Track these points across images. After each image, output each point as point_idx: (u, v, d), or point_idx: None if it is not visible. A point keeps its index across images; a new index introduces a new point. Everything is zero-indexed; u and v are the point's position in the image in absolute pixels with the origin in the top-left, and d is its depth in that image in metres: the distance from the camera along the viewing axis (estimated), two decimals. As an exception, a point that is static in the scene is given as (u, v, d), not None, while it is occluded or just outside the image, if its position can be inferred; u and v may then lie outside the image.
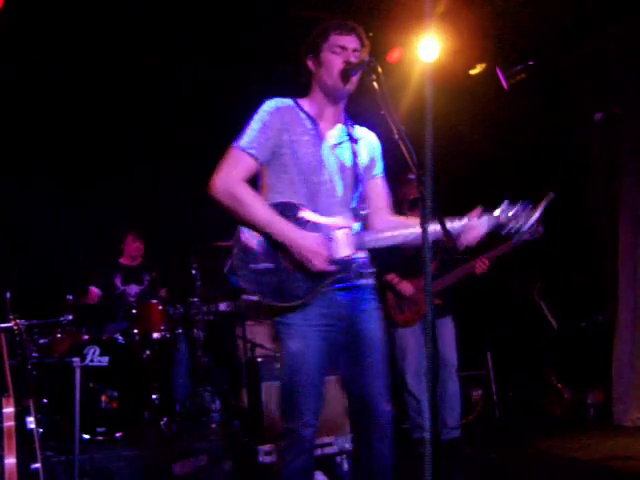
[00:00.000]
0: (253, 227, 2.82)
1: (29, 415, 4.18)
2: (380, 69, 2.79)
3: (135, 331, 5.93)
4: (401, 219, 3.12)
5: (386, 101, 2.78)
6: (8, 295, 5.10)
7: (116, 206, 7.12)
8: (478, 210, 2.91)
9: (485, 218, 2.91)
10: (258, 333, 6.34)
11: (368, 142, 3.11)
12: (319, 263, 2.78)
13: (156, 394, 5.80)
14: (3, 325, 4.47)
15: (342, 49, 2.95)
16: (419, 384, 5.30)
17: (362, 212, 2.96)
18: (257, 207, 2.82)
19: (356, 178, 2.97)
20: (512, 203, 2.93)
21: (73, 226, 7.05)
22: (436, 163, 2.45)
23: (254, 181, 2.97)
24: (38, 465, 3.99)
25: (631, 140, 5.86)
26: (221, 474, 5.00)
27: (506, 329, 6.99)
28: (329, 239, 2.85)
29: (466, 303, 5.91)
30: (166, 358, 6.15)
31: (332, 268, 2.81)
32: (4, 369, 4.07)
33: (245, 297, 2.85)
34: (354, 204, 2.96)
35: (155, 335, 5.96)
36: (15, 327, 4.55)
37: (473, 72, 6.28)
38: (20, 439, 3.85)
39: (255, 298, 2.80)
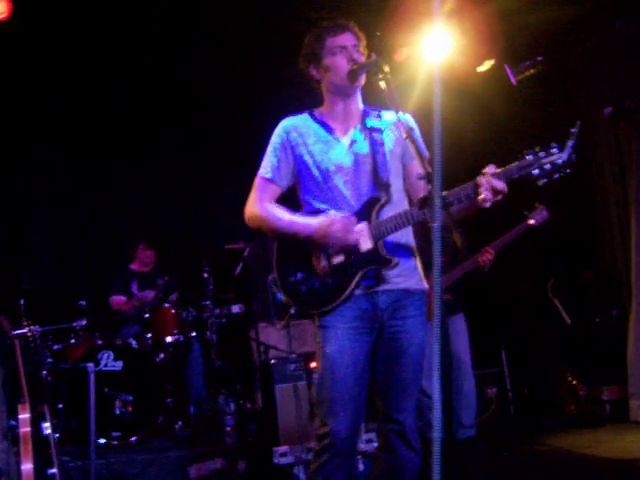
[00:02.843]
0: (282, 236, 2.95)
1: (45, 421, 4.20)
2: (387, 68, 2.79)
3: (148, 335, 5.96)
4: None
5: (394, 99, 2.78)
6: (22, 302, 5.15)
7: (128, 210, 7.14)
8: (490, 166, 2.70)
9: (506, 168, 2.68)
10: (271, 335, 6.36)
11: (398, 128, 3.00)
12: (345, 238, 2.80)
13: (170, 398, 5.81)
14: (17, 332, 4.50)
15: (342, 48, 2.95)
16: (432, 383, 5.27)
17: (387, 199, 2.90)
18: (277, 216, 2.96)
19: (378, 167, 2.93)
20: (536, 148, 2.68)
21: (85, 231, 7.07)
22: (443, 161, 2.46)
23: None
24: (55, 470, 4.02)
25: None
26: (236, 476, 5.01)
27: (520, 326, 6.96)
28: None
29: (479, 300, 5.88)
30: (180, 362, 6.16)
31: (356, 237, 2.81)
32: (19, 376, 4.09)
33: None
34: (378, 193, 2.91)
35: (168, 339, 5.98)
36: (29, 333, 4.59)
37: (481, 69, 6.23)
38: (36, 445, 3.87)
39: (295, 309, 2.89)
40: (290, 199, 3.13)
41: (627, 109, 3.62)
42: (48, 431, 4.12)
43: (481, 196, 2.66)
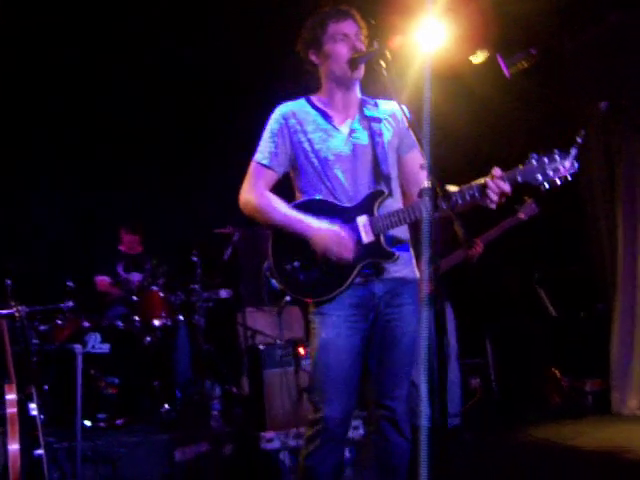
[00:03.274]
0: (278, 230, 2.92)
1: (31, 402, 4.19)
2: (389, 56, 2.79)
3: (136, 318, 5.91)
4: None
5: (395, 89, 2.78)
6: (9, 282, 5.10)
7: (115, 192, 7.09)
8: (496, 169, 2.73)
9: (511, 171, 2.72)
10: (258, 320, 6.37)
11: (395, 117, 3.04)
12: (339, 252, 2.79)
13: (157, 381, 5.80)
14: (4, 312, 4.47)
15: (344, 36, 2.94)
16: (418, 372, 5.31)
17: (388, 192, 2.90)
18: (274, 211, 2.92)
19: (378, 159, 2.93)
20: (540, 154, 2.73)
21: (73, 212, 7.03)
22: (436, 152, 2.49)
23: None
24: (41, 451, 4.01)
25: (632, 128, 5.85)
26: (222, 460, 5.02)
27: (505, 317, 7.01)
28: (352, 227, 2.86)
29: (465, 292, 5.91)
30: (167, 345, 6.15)
31: (350, 256, 2.80)
32: (6, 356, 4.08)
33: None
34: (379, 185, 2.92)
35: (156, 322, 5.93)
36: (17, 314, 4.55)
37: (475, 60, 6.23)
38: (23, 426, 3.86)
39: (291, 296, 2.89)
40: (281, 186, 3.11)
41: (621, 106, 3.64)
42: (35, 412, 4.11)
43: (487, 198, 2.70)
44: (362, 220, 2.85)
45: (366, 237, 2.84)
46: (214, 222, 6.42)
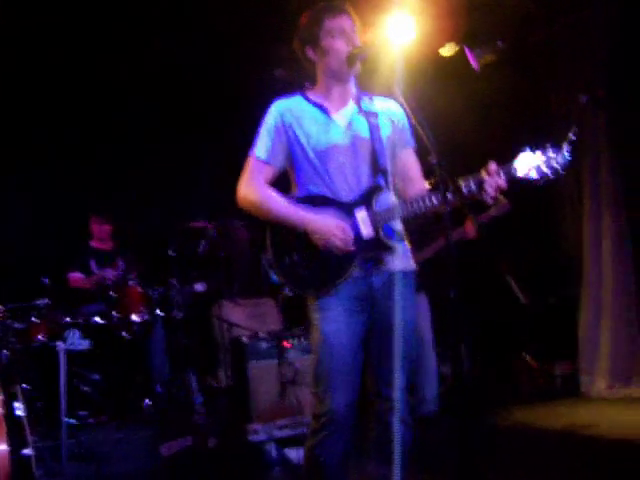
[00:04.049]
0: (278, 224, 2.93)
1: (16, 401, 4.15)
2: (389, 51, 2.84)
3: (114, 313, 5.88)
4: (425, 189, 3.07)
5: (393, 84, 2.82)
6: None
7: (90, 187, 6.99)
8: (492, 164, 2.75)
9: (506, 166, 2.75)
10: (234, 313, 6.39)
11: (391, 114, 3.07)
12: (341, 244, 2.82)
13: (138, 376, 5.79)
14: (-18, 312, 4.41)
15: (341, 31, 2.96)
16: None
17: (385, 186, 2.94)
18: (274, 205, 2.94)
19: (376, 153, 2.95)
20: (534, 148, 2.74)
21: (44, 207, 6.90)
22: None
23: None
24: (29, 450, 3.98)
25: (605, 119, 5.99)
26: (208, 454, 5.05)
27: (476, 305, 7.13)
28: (351, 222, 2.88)
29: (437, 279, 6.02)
30: (146, 339, 6.14)
31: (353, 248, 2.83)
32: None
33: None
34: (377, 179, 2.94)
35: (134, 317, 5.92)
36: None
37: (444, 52, 6.30)
38: (9, 426, 3.83)
39: (292, 290, 2.90)
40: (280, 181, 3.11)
41: (600, 98, 3.75)
42: (20, 412, 4.08)
43: (485, 192, 2.74)
44: (361, 214, 2.88)
45: (365, 231, 2.87)
46: (188, 216, 6.40)
